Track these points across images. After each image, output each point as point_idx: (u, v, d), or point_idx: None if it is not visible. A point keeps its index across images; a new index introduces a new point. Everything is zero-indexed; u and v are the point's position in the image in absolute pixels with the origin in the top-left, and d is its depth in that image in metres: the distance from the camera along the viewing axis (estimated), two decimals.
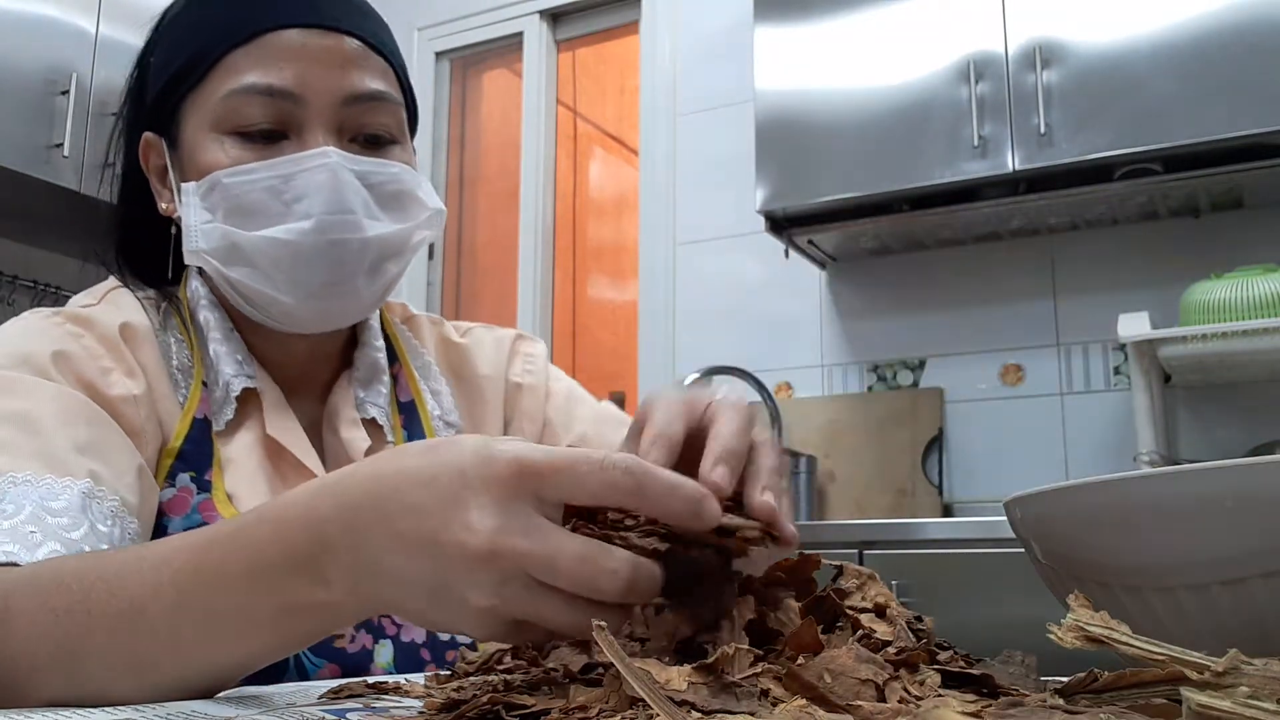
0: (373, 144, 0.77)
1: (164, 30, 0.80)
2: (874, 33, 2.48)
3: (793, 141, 2.52)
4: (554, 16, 3.47)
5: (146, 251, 0.84)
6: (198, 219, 0.75)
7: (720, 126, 3.08)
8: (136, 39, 0.83)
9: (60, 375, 0.69)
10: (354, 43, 0.76)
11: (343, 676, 0.72)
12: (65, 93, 2.43)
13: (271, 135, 0.74)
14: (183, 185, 0.76)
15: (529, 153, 3.39)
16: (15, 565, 0.55)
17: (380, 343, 0.85)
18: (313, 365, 0.82)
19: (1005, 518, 0.52)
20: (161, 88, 0.78)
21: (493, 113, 3.70)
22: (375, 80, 0.76)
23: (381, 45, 0.78)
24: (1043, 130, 2.25)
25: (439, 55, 3.61)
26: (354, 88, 0.75)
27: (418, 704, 0.42)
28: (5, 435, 0.63)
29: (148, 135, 0.80)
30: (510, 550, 0.39)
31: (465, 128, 3.67)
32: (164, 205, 0.80)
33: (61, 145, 2.41)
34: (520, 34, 3.48)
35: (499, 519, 0.39)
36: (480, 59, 3.68)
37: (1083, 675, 0.35)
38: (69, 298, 0.80)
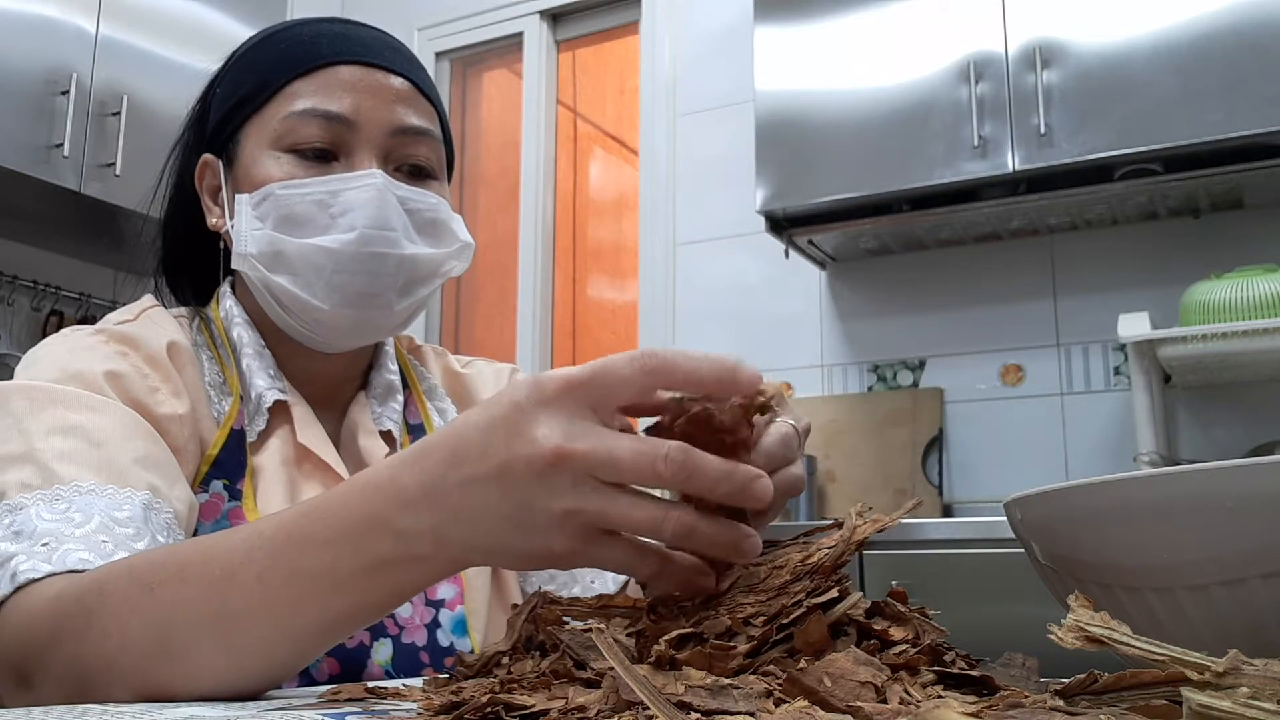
0: (415, 174, 0.83)
1: (231, 65, 0.86)
2: (874, 33, 2.48)
3: (793, 141, 2.52)
4: (554, 16, 3.47)
5: (185, 269, 0.91)
6: (249, 226, 0.79)
7: (720, 126, 3.08)
8: (137, 39, 0.86)
9: (113, 394, 0.72)
10: (405, 84, 0.82)
11: (340, 672, 0.75)
12: (65, 93, 2.43)
13: (324, 155, 0.79)
14: (237, 195, 0.80)
15: (529, 153, 3.39)
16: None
17: (395, 367, 0.91)
18: (334, 386, 0.87)
19: (1005, 518, 0.52)
20: (224, 113, 0.83)
21: (493, 113, 3.70)
22: (421, 119, 0.83)
23: (429, 92, 0.85)
24: (1043, 130, 2.25)
25: (439, 55, 3.61)
26: (402, 121, 0.81)
27: (417, 707, 0.42)
28: (69, 446, 0.66)
29: (206, 156, 0.85)
30: (574, 452, 0.42)
31: (465, 128, 3.67)
32: (213, 221, 0.84)
33: (61, 145, 2.41)
34: (520, 34, 3.48)
35: (560, 429, 0.43)
36: (480, 59, 3.68)
37: (1083, 676, 0.34)
38: (69, 298, 0.82)
